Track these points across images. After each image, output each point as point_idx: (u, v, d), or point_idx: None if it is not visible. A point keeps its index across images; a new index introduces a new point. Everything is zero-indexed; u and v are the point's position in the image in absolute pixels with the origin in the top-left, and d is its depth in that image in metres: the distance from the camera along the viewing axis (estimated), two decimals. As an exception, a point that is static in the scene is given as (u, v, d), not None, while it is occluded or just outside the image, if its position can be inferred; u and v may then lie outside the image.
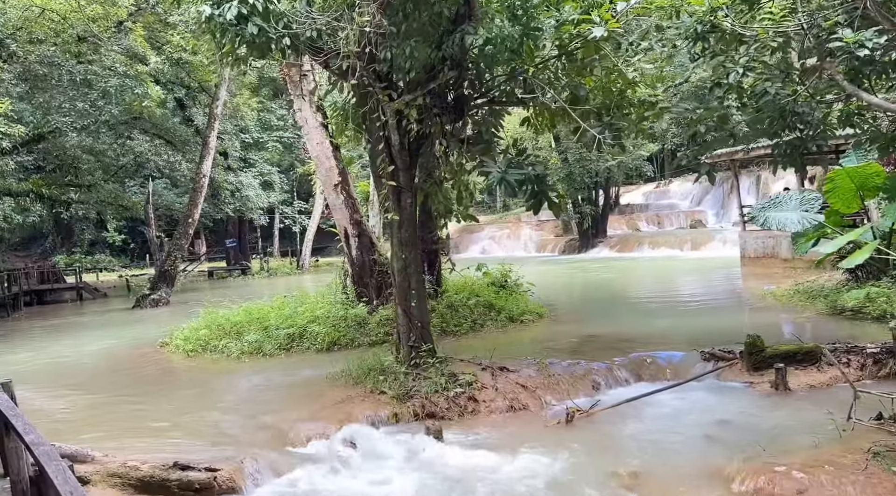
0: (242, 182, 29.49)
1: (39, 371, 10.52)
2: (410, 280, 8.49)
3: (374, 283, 12.49)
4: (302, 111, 11.96)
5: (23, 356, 11.93)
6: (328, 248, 56.48)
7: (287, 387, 8.20)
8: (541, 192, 7.77)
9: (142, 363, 10.46)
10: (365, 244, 12.52)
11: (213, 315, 12.33)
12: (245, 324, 11.47)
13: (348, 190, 12.41)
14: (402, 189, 8.37)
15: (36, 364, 11.28)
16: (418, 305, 8.50)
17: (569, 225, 41.73)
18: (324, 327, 10.81)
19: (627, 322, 11.40)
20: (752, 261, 19.89)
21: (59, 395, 8.51)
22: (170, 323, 15.73)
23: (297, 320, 11.22)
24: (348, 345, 10.54)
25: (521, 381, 7.50)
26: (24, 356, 11.97)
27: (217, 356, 10.50)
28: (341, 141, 11.07)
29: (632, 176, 43.29)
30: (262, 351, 10.43)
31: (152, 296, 19.54)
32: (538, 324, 11.59)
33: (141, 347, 12.05)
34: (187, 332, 11.72)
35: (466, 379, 7.43)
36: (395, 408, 7.04)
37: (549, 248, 39.80)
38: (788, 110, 7.66)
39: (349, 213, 12.37)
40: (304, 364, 9.62)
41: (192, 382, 8.83)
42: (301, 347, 10.54)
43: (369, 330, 10.93)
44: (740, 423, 6.13)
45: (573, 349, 9.06)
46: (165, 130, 24.68)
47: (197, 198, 20.11)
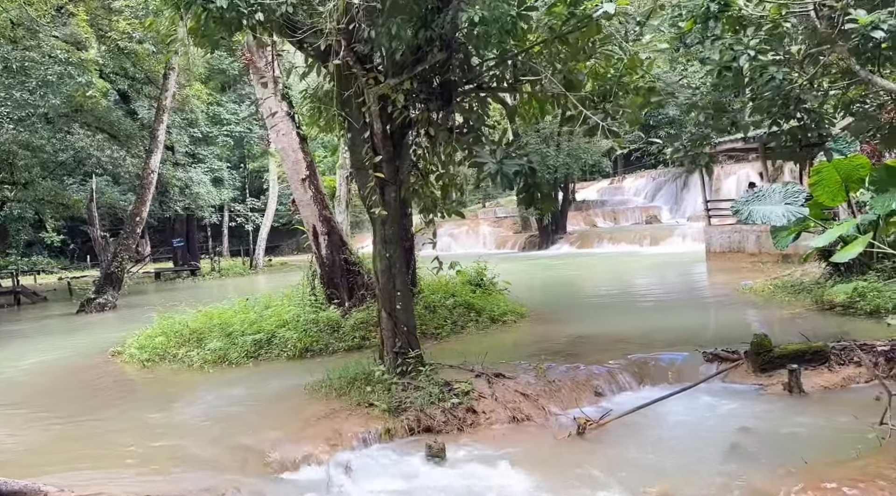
0: (192, 178, 28.11)
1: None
2: (395, 281, 7.83)
3: (346, 284, 11.78)
4: (266, 100, 11.13)
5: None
6: (281, 247, 55.15)
7: (262, 402, 7.44)
8: (535, 185, 7.25)
9: (94, 376, 9.49)
10: (335, 242, 11.79)
11: (170, 320, 11.40)
12: (206, 331, 10.60)
13: (317, 184, 11.65)
14: (386, 182, 7.72)
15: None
16: (404, 308, 7.85)
17: (527, 221, 41.64)
18: (294, 332, 10.05)
19: (612, 321, 11.00)
20: (718, 255, 19.92)
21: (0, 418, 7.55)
22: (119, 329, 14.65)
23: (263, 325, 10.41)
24: (322, 351, 9.82)
25: (520, 389, 6.94)
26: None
27: (177, 366, 9.63)
28: (312, 132, 10.30)
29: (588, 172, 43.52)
30: (227, 359, 9.60)
31: (98, 299, 18.28)
32: (520, 324, 11.08)
33: (91, 357, 11.03)
34: (142, 340, 10.77)
35: (462, 388, 6.84)
36: (388, 423, 6.39)
37: (508, 244, 39.56)
38: (792, 97, 7.33)
39: (318, 209, 11.62)
40: (275, 373, 8.86)
41: (154, 397, 7.96)
42: (270, 355, 9.76)
43: (344, 334, 10.22)
44: (764, 432, 5.72)
45: (565, 351, 8.56)
46: (109, 124, 23.21)
47: (145, 195, 18.90)
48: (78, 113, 21.66)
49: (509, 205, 46.56)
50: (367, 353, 9.49)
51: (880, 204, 9.97)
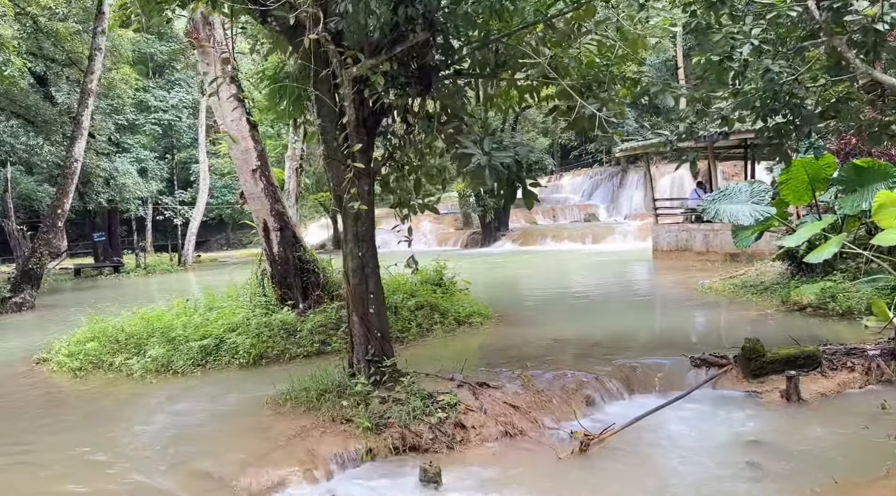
0: (118, 168, 26.24)
1: None
2: (368, 282, 7.18)
3: (300, 284, 10.98)
4: (212, 82, 10.16)
5: None
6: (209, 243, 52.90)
7: (218, 418, 6.64)
8: (520, 179, 6.74)
9: (17, 387, 8.37)
10: (288, 239, 10.97)
11: (101, 323, 10.31)
12: (144, 336, 9.59)
13: (268, 176, 10.79)
14: (360, 174, 7.05)
15: None
16: (377, 312, 7.21)
17: (469, 218, 41.35)
18: (246, 337, 9.20)
19: (581, 323, 10.65)
20: (665, 254, 20.05)
21: None
22: (40, 332, 13.33)
23: (210, 329, 9.51)
24: (278, 357, 9.03)
25: (509, 400, 6.42)
26: None
27: (113, 375, 8.63)
28: (264, 118, 9.42)
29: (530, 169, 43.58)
30: (171, 368, 8.67)
31: (14, 299, 16.64)
32: (487, 326, 10.57)
33: (12, 365, 9.81)
34: (71, 346, 9.66)
35: (447, 400, 6.25)
36: (369, 442, 5.73)
37: (450, 241, 39.11)
38: (785, 91, 7.09)
39: (269, 202, 10.76)
40: (228, 384, 8.03)
41: (91, 413, 6.99)
42: (220, 362, 8.89)
43: (301, 339, 9.45)
44: (776, 445, 5.40)
45: (544, 357, 8.11)
46: (25, 108, 21.26)
47: (67, 185, 17.33)
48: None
49: (449, 201, 46.16)
50: (329, 360, 8.78)
51: (849, 204, 10.03)
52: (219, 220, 47.56)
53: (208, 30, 9.88)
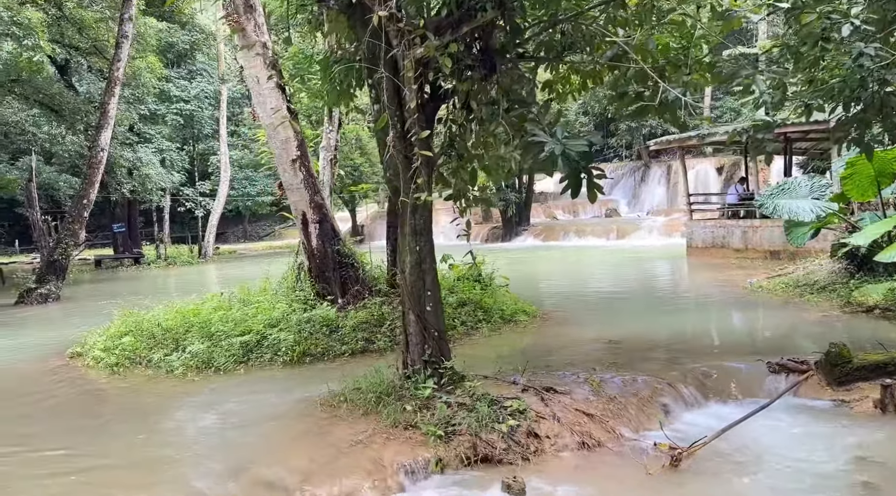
0: (141, 159, 25.96)
1: None
2: (425, 278, 6.79)
3: (338, 279, 10.61)
4: (252, 68, 9.80)
5: None
6: (226, 235, 52.78)
7: (272, 419, 6.26)
8: (587, 170, 6.30)
9: (54, 384, 8.05)
10: (327, 232, 10.59)
11: (135, 317, 10.02)
12: (181, 331, 9.28)
13: (308, 166, 10.41)
14: (421, 164, 6.65)
15: None
16: (434, 310, 6.82)
17: (489, 213, 40.87)
18: (288, 333, 8.84)
19: (632, 322, 10.22)
20: (701, 251, 19.53)
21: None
22: (69, 324, 13.05)
23: (250, 324, 9.16)
24: (322, 355, 8.66)
25: (580, 407, 6.01)
26: None
27: (153, 372, 8.30)
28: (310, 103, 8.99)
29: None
30: (212, 365, 8.33)
31: (39, 290, 16.40)
32: (535, 325, 10.16)
33: (45, 360, 9.51)
34: (106, 340, 9.36)
35: (516, 406, 5.85)
36: (438, 451, 5.34)
37: (472, 235, 38.62)
38: (874, 78, 6.59)
39: (309, 194, 10.38)
40: (274, 382, 7.67)
41: (133, 414, 6.64)
42: (262, 359, 8.54)
43: (344, 336, 9.08)
44: (890, 464, 4.95)
45: (606, 360, 7.69)
46: (49, 97, 20.99)
47: (93, 175, 17.04)
48: (15, 82, 19.45)
49: (467, 195, 45.56)
50: (375, 359, 8.43)
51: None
52: (236, 213, 47.39)
53: (249, 13, 9.49)
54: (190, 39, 30.33)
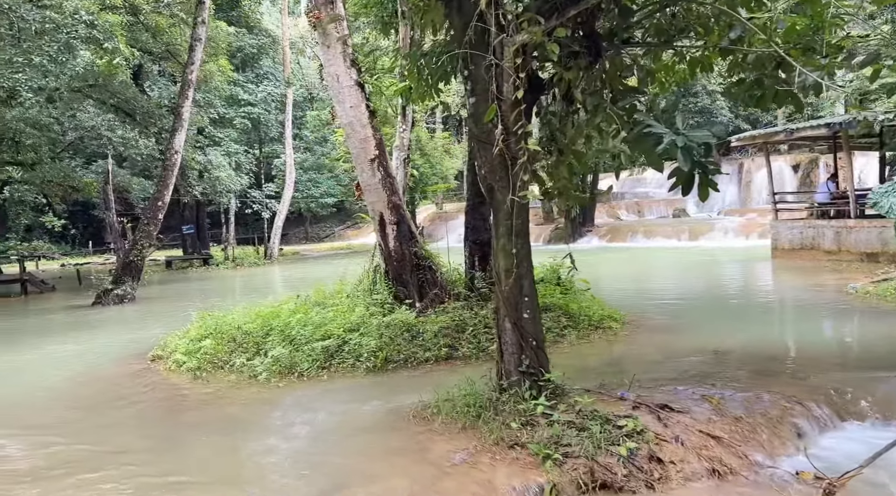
0: (212, 161, 26.39)
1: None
2: (522, 283, 6.33)
3: (416, 282, 10.26)
4: (332, 66, 9.54)
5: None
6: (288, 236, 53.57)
7: (364, 431, 5.92)
8: (703, 166, 5.71)
9: (136, 388, 7.95)
10: (404, 233, 10.26)
11: (214, 319, 9.91)
12: (261, 334, 9.09)
13: (386, 166, 10.10)
14: (515, 160, 6.20)
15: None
16: (532, 317, 6.35)
17: (550, 213, 40.12)
18: (370, 338, 8.53)
19: (732, 330, 9.50)
20: (787, 253, 18.41)
21: (27, 447, 6.02)
22: (145, 326, 13.15)
23: (330, 329, 8.89)
24: (405, 362, 8.30)
25: (703, 428, 5.43)
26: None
27: (235, 377, 8.10)
28: (382, 103, 8.64)
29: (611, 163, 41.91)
30: (295, 370, 8.08)
31: (116, 291, 16.69)
32: (626, 333, 9.55)
33: (126, 362, 9.49)
34: (186, 343, 9.26)
35: (631, 426, 5.32)
36: (551, 475, 4.86)
37: (532, 237, 37.93)
38: None
39: (387, 194, 10.07)
40: (360, 390, 7.35)
41: (219, 423, 6.41)
42: (344, 365, 8.24)
43: (425, 342, 8.69)
44: None
45: (717, 373, 7.05)
46: (125, 101, 21.47)
47: (168, 177, 17.27)
48: (93, 88, 19.96)
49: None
50: (460, 367, 8.04)
51: None
52: (298, 214, 48.02)
53: (330, 8, 9.23)
54: (257, 43, 30.78)
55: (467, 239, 10.83)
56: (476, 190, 10.68)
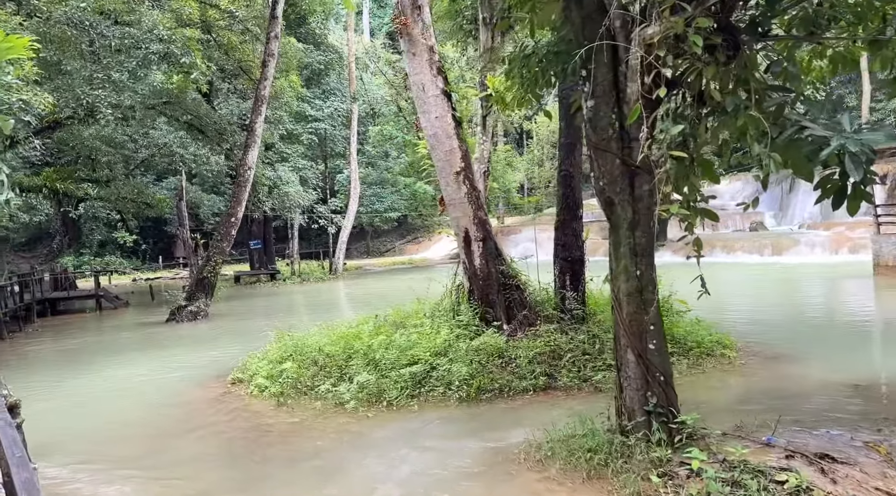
0: (281, 177, 26.48)
1: (66, 426, 7.61)
2: (647, 309, 5.59)
3: (503, 302, 9.60)
4: (418, 75, 9.04)
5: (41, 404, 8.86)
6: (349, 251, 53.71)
7: (469, 479, 5.28)
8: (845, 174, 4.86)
9: (218, 415, 7.54)
10: (491, 250, 9.63)
11: (293, 340, 9.50)
12: (343, 356, 8.60)
13: (472, 180, 9.51)
14: (638, 169, 5.52)
15: (60, 412, 8.37)
16: (658, 348, 5.61)
17: (618, 226, 38.80)
18: (460, 365, 7.90)
19: (861, 358, 8.48)
20: (892, 269, 16.90)
21: (104, 482, 5.63)
22: (219, 344, 12.91)
23: (416, 353, 8.31)
24: (501, 392, 7.62)
25: (879, 485, 4.56)
26: (42, 402, 8.95)
27: (321, 404, 7.60)
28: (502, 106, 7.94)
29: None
30: (383, 398, 7.52)
31: (189, 307, 16.64)
32: (741, 361, 8.62)
33: (205, 384, 9.15)
34: (267, 365, 8.85)
35: (793, 481, 4.50)
36: (707, 542, 4.11)
37: (599, 251, 36.74)
38: None
39: (472, 209, 9.47)
40: (455, 423, 6.72)
41: (312, 458, 5.89)
42: (434, 393, 7.63)
43: (519, 369, 8.00)
44: None
45: (866, 411, 6.12)
46: (198, 118, 21.70)
47: (241, 193, 17.18)
48: (167, 105, 20.22)
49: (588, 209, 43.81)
50: (561, 399, 7.34)
51: None
52: (359, 229, 48.14)
53: (417, 13, 8.75)
54: (324, 59, 30.93)
55: (557, 256, 10.11)
56: (567, 204, 9.97)
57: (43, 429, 6.73)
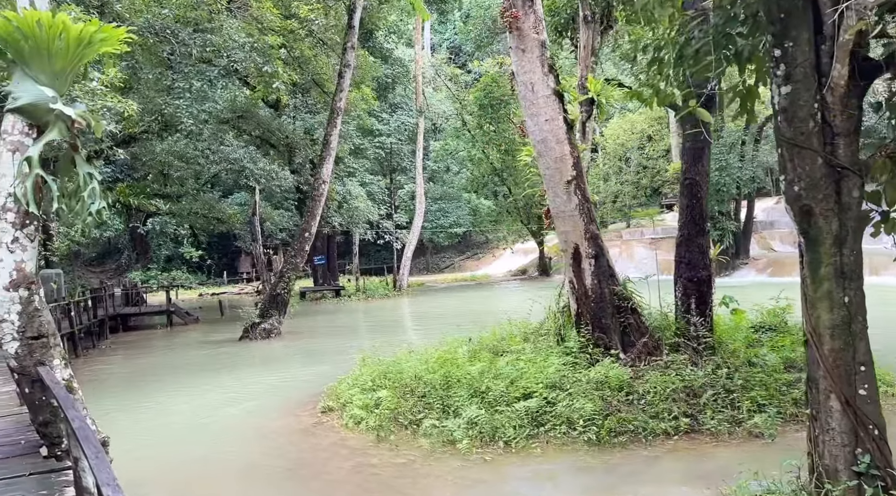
0: (350, 192, 26.05)
1: (152, 460, 6.93)
2: (856, 345, 4.52)
3: (618, 327, 8.56)
4: (527, 73, 8.18)
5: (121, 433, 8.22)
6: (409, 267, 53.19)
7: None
8: None
9: (315, 451, 6.77)
10: (604, 269, 8.62)
11: (382, 365, 8.69)
12: (441, 384, 7.72)
13: (584, 190, 8.56)
14: (847, 171, 4.49)
15: (143, 443, 7.71)
16: (870, 394, 4.52)
17: (693, 244, 37.01)
18: (584, 400, 6.89)
19: None
20: None
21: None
22: (298, 363, 12.27)
23: (527, 384, 7.36)
24: (637, 434, 6.56)
25: None
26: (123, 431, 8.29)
27: (426, 442, 6.71)
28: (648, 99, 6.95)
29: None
30: (498, 437, 6.58)
31: (263, 324, 16.13)
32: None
33: (293, 412, 8.42)
34: (359, 393, 8.04)
35: None
36: None
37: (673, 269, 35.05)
38: None
39: (584, 223, 8.50)
40: (595, 475, 5.73)
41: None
42: (556, 433, 6.65)
43: (652, 407, 6.93)
44: None
45: None
46: (270, 132, 21.42)
47: (315, 208, 16.64)
48: (241, 119, 19.99)
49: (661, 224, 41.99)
50: (710, 446, 6.25)
51: None
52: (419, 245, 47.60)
53: (528, 6, 7.91)
54: (392, 73, 30.61)
55: (680, 276, 9.02)
56: (692, 217, 8.89)
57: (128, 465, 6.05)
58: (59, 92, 4.88)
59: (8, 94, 4.79)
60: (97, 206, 4.82)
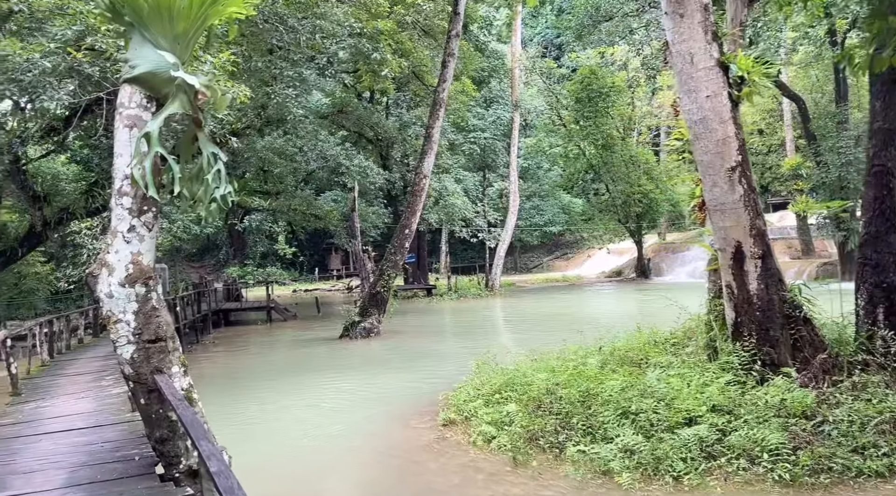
0: (447, 188, 25.38)
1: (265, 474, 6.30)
2: None
3: (788, 340, 7.28)
4: (685, 42, 7.06)
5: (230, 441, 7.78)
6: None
7: None
8: None
9: (447, 475, 5.95)
10: (771, 272, 7.36)
11: (504, 374, 7.82)
12: (578, 400, 6.74)
13: (750, 179, 7.32)
14: None
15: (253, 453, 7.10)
16: None
17: (810, 245, 34.29)
18: (767, 430, 5.73)
19: None
20: None
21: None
22: (402, 366, 11.61)
23: (687, 406, 6.26)
24: (840, 475, 5.35)
25: None
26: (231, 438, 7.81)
27: (574, 470, 5.74)
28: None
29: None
30: (663, 471, 5.53)
31: (363, 323, 15.62)
32: None
33: (409, 422, 7.68)
34: (484, 406, 7.18)
35: None
36: None
37: (790, 272, 32.47)
38: None
39: (749, 217, 7.26)
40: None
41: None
42: (734, 468, 5.51)
43: (850, 437, 5.68)
44: None
45: None
46: (370, 127, 20.97)
47: (416, 203, 15.97)
48: (340, 113, 19.65)
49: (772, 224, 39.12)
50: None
51: None
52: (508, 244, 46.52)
53: (691, -37, 6.79)
54: (488, 65, 29.73)
55: (864, 281, 7.64)
56: (882, 210, 7.49)
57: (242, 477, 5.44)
58: (181, 59, 4.25)
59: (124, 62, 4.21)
60: (223, 191, 4.14)
